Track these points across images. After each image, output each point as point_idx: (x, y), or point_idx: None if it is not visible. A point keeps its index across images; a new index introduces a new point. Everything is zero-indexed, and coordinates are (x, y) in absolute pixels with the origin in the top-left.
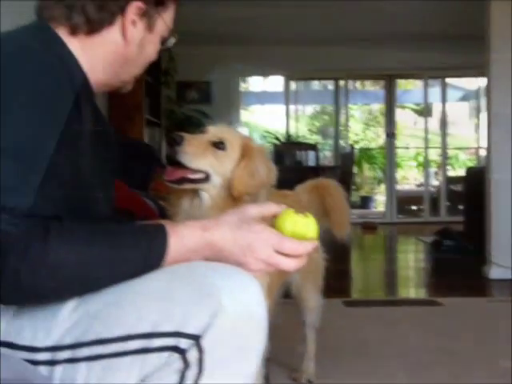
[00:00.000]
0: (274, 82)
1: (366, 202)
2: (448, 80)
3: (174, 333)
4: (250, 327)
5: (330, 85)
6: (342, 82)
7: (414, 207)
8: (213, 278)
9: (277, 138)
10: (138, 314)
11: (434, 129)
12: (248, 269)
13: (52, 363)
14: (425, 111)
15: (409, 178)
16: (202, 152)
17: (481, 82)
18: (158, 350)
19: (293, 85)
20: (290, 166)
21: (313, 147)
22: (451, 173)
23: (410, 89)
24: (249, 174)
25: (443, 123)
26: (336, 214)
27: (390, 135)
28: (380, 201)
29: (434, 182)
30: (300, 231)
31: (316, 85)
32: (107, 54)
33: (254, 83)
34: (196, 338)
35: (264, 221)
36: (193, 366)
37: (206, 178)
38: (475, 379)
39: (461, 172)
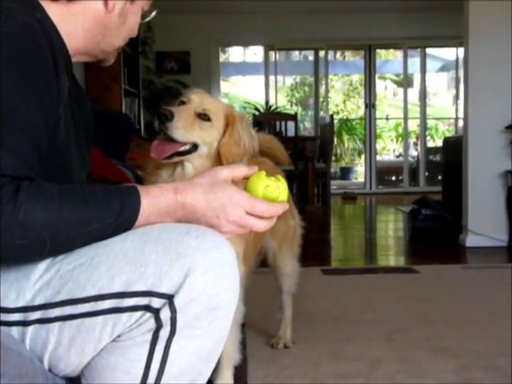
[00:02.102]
0: (254, 53)
1: (345, 172)
2: (428, 50)
3: (147, 292)
4: (223, 287)
5: (310, 55)
6: (322, 53)
7: (393, 178)
8: (185, 239)
9: (256, 109)
10: (110, 273)
11: (414, 99)
12: (220, 231)
13: (24, 324)
14: (405, 82)
15: (388, 149)
16: (191, 125)
17: (460, 53)
18: (130, 310)
19: (273, 55)
20: None
21: (292, 118)
22: (430, 143)
23: (390, 59)
24: (235, 143)
25: (423, 94)
26: (276, 150)
27: (370, 106)
28: (360, 171)
29: (414, 153)
30: (271, 194)
31: (296, 56)
32: (88, 22)
33: (234, 54)
34: (169, 298)
35: (236, 184)
36: (165, 325)
37: (193, 149)
38: (449, 342)
39: (440, 143)
